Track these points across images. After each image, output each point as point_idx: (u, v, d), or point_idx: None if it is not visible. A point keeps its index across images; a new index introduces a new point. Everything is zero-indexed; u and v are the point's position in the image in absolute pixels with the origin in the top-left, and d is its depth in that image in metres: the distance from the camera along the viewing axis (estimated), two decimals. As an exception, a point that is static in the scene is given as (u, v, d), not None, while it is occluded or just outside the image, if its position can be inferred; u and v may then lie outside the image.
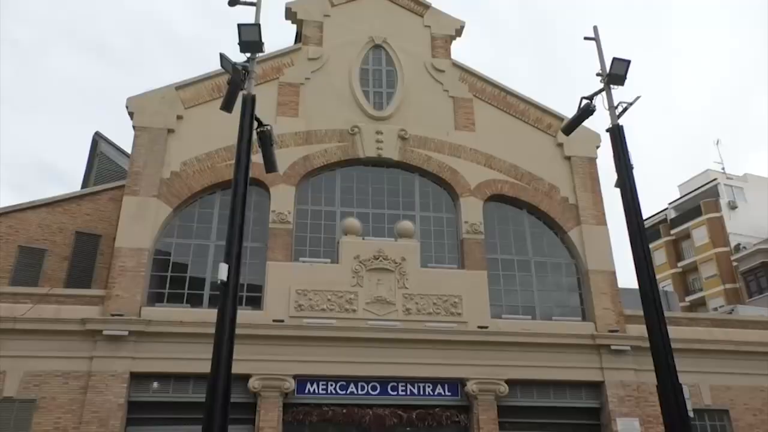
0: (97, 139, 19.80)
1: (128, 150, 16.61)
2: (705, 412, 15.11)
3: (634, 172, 9.37)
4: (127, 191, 14.86)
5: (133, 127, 15.48)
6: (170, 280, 14.62)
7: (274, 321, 14.01)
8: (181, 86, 15.99)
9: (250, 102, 8.91)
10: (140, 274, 14.03)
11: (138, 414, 13.23)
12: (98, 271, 16.03)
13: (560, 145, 17.48)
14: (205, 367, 7.79)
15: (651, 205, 58.50)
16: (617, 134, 9.55)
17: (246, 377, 13.32)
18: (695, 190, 41.39)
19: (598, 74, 10.23)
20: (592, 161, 17.53)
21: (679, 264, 40.61)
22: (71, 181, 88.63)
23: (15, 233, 15.78)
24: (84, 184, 20.27)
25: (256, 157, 10.11)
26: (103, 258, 16.11)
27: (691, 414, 7.36)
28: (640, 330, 13.67)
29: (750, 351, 15.74)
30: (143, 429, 13.25)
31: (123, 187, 15.30)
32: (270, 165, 9.50)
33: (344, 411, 13.84)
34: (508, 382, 14.41)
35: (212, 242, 15.04)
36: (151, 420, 13.29)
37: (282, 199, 15.41)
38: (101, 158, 19.63)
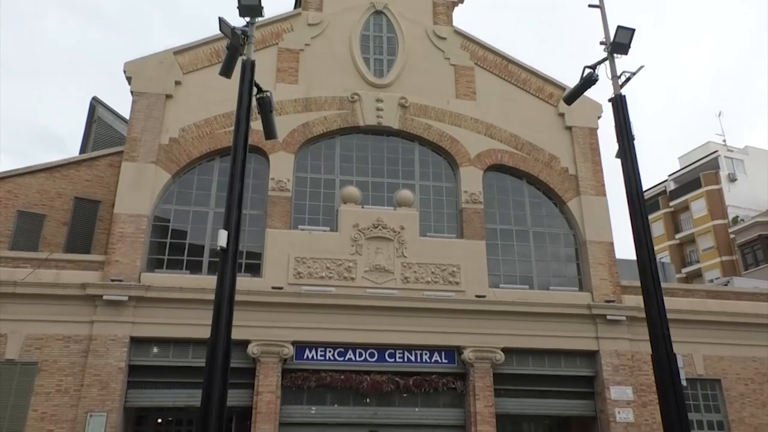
0: (95, 104, 19.62)
1: (126, 116, 16.50)
2: (698, 381, 15.35)
3: (635, 143, 9.34)
4: (125, 157, 14.80)
5: (131, 92, 15.33)
6: (169, 247, 14.66)
7: (273, 288, 14.11)
8: (179, 51, 15.79)
9: (249, 67, 8.80)
10: (139, 240, 14.07)
11: (139, 377, 13.42)
12: (97, 237, 16.08)
13: (561, 115, 17.37)
14: (205, 333, 7.86)
15: (651, 177, 58.30)
16: (619, 104, 9.47)
17: (245, 343, 13.47)
18: (695, 162, 41.26)
19: (601, 43, 10.09)
20: (593, 131, 17.44)
21: (677, 236, 40.71)
22: (69, 147, 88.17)
23: (14, 198, 15.77)
24: (82, 150, 20.16)
25: (256, 124, 10.02)
26: (102, 224, 16.14)
27: (684, 383, 7.46)
28: (636, 300, 13.82)
29: (744, 322, 15.91)
30: (144, 392, 13.46)
31: (121, 153, 15.25)
32: (269, 132, 9.43)
33: (342, 377, 14.04)
34: (505, 350, 14.58)
35: (211, 209, 15.03)
36: (151, 383, 13.50)
37: (281, 167, 15.37)
38: (99, 124, 19.48)
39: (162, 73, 15.48)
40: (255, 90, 8.98)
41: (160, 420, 14.80)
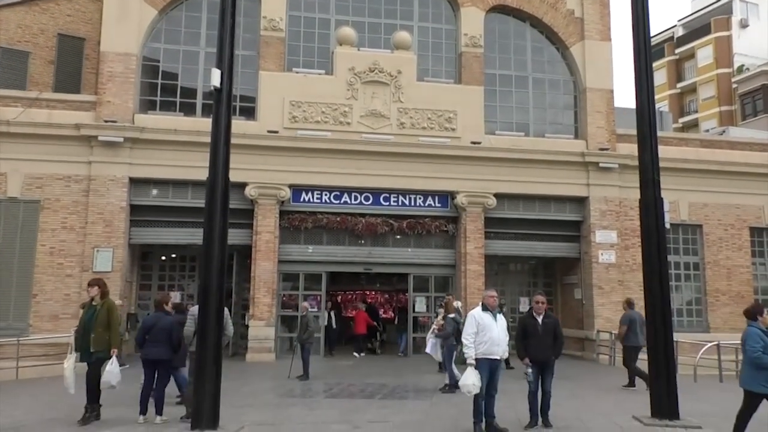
0: (68, -71, 18.03)
1: (104, -57, 15.26)
2: (680, 226, 15.94)
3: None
4: (107, -10, 13.95)
5: None
6: (161, 88, 14.36)
7: (268, 132, 14.06)
8: None
9: None
10: (130, 80, 13.73)
11: (140, 216, 13.85)
12: (86, 77, 15.67)
13: (572, -51, 16.19)
14: (202, 174, 7.93)
15: (660, 23, 55.62)
16: (636, -63, 8.76)
17: (243, 185, 13.71)
18: (708, 5, 39.19)
19: None
20: (604, -31, 16.37)
21: (678, 85, 39.84)
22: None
23: (-6, 34, 15.11)
24: (60, -18, 18.89)
25: (244, -46, 9.35)
26: (90, 63, 15.63)
27: (667, 226, 7.76)
28: (630, 149, 13.89)
29: (733, 171, 16.16)
30: (147, 230, 13.98)
31: (102, -14, 14.35)
32: (259, -37, 8.78)
33: (338, 219, 14.51)
34: (497, 195, 14.93)
35: (202, 49, 14.49)
36: (153, 222, 13.97)
37: (273, 5, 14.58)
38: (75, -48, 18.06)
39: None
40: None
41: (164, 257, 15.50)
